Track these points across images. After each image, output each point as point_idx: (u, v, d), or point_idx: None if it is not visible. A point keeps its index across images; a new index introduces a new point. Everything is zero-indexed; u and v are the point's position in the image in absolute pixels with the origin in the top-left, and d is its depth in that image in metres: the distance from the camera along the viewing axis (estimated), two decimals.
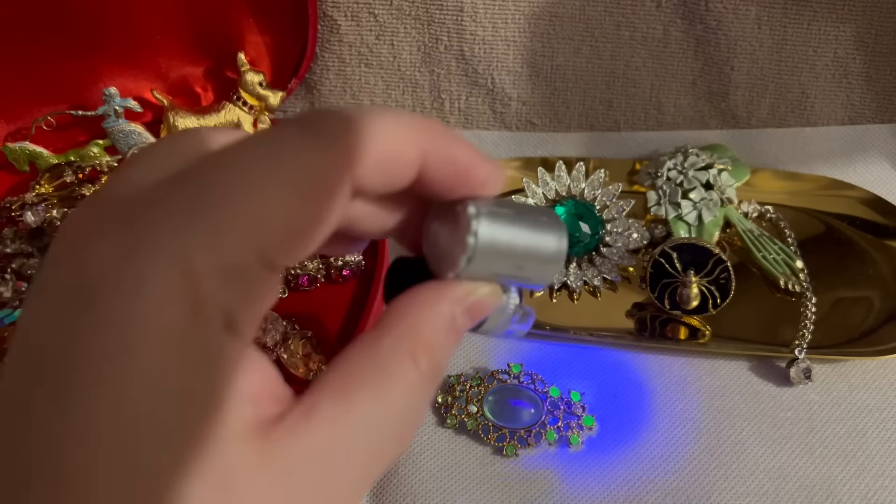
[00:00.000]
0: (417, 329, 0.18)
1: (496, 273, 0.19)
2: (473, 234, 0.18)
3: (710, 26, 0.48)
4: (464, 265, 0.18)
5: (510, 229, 0.19)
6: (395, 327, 0.18)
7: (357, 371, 0.17)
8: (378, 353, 0.17)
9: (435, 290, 0.19)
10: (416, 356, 0.18)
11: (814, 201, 0.46)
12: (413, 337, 0.18)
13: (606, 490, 0.36)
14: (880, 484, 0.36)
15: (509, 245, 0.19)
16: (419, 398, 0.18)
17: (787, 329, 0.40)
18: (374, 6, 0.47)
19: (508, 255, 0.19)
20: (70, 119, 0.46)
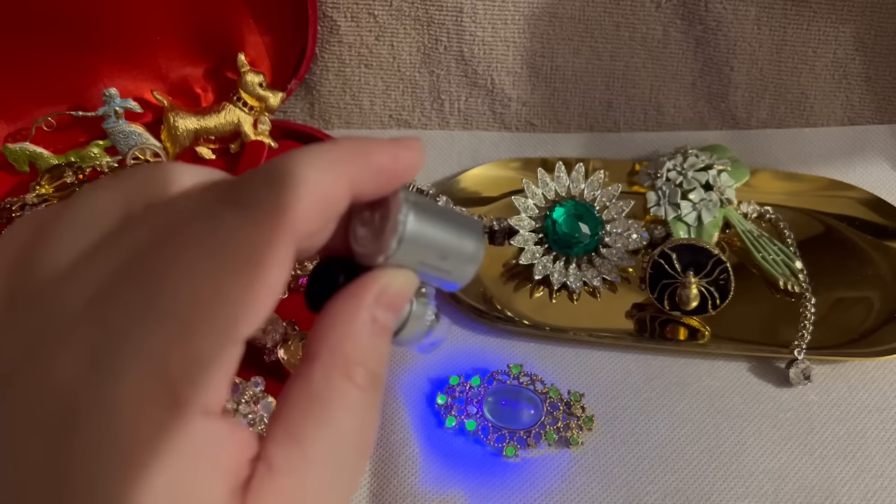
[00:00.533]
0: (342, 347, 0.18)
1: (421, 261, 0.20)
2: (404, 216, 0.19)
3: (710, 27, 0.48)
4: (394, 247, 0.19)
5: (435, 219, 0.20)
6: (321, 352, 0.18)
7: (298, 409, 0.17)
8: (313, 384, 0.18)
9: (348, 300, 0.19)
10: (349, 373, 0.18)
11: (813, 202, 0.46)
12: (342, 356, 0.18)
13: (606, 491, 0.36)
14: (880, 484, 0.36)
15: (435, 233, 0.20)
16: (366, 412, 0.18)
17: (786, 330, 0.40)
18: (374, 7, 0.47)
19: (434, 244, 0.20)
20: (70, 120, 0.46)
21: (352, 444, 0.18)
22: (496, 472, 0.36)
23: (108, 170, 0.45)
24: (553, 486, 0.36)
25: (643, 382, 0.39)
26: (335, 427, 0.17)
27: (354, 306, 0.19)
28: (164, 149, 0.46)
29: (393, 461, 0.36)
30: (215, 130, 0.46)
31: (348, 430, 0.18)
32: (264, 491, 0.16)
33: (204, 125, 0.46)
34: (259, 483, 0.16)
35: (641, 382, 0.39)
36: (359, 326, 0.18)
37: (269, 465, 0.17)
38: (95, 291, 0.16)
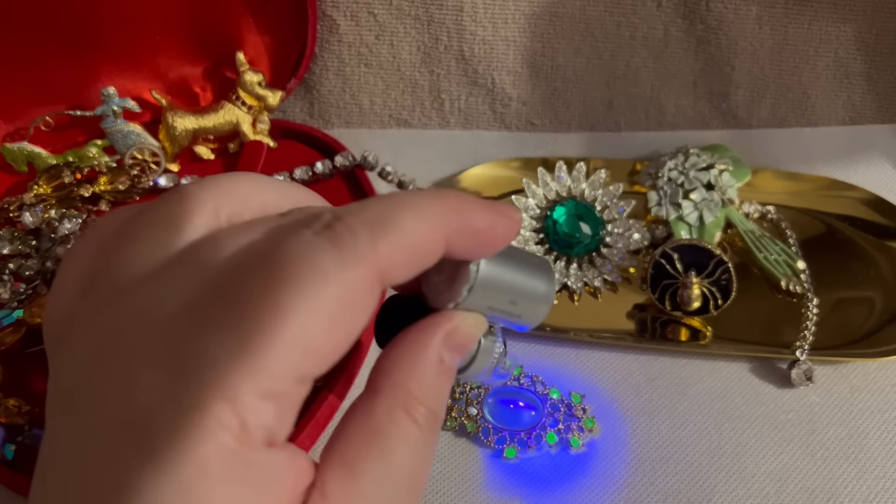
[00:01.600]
0: (407, 384, 0.18)
1: (492, 306, 0.20)
2: (476, 265, 0.19)
3: (711, 26, 0.48)
4: (465, 294, 0.19)
5: (507, 264, 0.20)
6: (385, 387, 0.18)
7: (356, 440, 0.17)
8: (374, 418, 0.18)
9: (418, 337, 0.19)
10: (411, 411, 0.18)
11: (815, 202, 0.46)
12: (404, 393, 0.18)
13: (607, 492, 0.35)
14: (882, 486, 0.36)
15: (506, 279, 0.20)
16: (423, 450, 0.18)
17: (788, 330, 0.40)
18: (374, 6, 0.47)
19: (505, 289, 0.20)
20: (68, 119, 0.46)
21: (406, 480, 0.18)
22: (496, 473, 0.36)
23: (107, 169, 0.45)
24: (554, 487, 0.36)
25: (644, 383, 0.39)
26: (391, 462, 0.17)
27: (423, 345, 0.19)
28: (162, 148, 0.45)
29: None
30: (214, 130, 0.46)
31: (403, 466, 0.18)
32: None
33: (203, 125, 0.46)
34: None
35: (643, 383, 0.39)
36: (425, 365, 0.19)
37: (323, 495, 0.17)
38: (181, 306, 0.16)
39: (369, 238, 0.16)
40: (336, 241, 0.16)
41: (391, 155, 0.49)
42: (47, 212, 0.42)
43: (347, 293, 0.16)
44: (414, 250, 0.17)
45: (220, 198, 0.18)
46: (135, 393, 0.15)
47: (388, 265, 0.17)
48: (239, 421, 0.15)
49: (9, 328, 0.37)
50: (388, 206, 0.17)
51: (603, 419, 0.38)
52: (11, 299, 0.39)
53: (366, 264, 0.16)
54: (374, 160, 0.44)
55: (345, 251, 0.16)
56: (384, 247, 0.16)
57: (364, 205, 0.17)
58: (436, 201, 0.18)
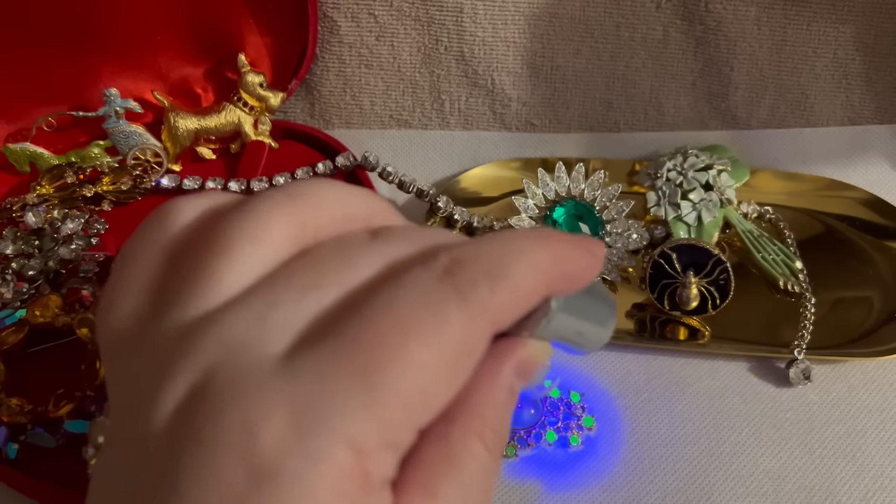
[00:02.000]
0: (482, 411, 0.18)
1: (561, 337, 0.20)
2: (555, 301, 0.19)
3: (710, 27, 0.48)
4: (543, 326, 0.19)
5: (579, 301, 0.20)
6: (460, 415, 0.18)
7: (435, 466, 0.18)
8: (450, 444, 0.18)
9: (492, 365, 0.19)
10: (483, 436, 0.18)
11: (813, 202, 0.46)
12: (479, 420, 0.18)
13: (606, 491, 0.36)
14: (880, 484, 0.36)
15: (577, 315, 0.20)
16: (492, 470, 0.19)
17: (786, 330, 0.40)
18: (374, 7, 0.47)
19: (575, 322, 0.20)
20: (71, 120, 0.46)
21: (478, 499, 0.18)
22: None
23: (109, 170, 0.45)
24: (553, 486, 0.36)
25: (643, 382, 0.39)
26: (465, 483, 0.18)
27: (497, 374, 0.19)
28: (164, 149, 0.46)
29: None
30: (216, 130, 0.46)
31: (476, 486, 0.18)
32: None
33: (204, 125, 0.46)
34: None
35: (641, 382, 0.39)
36: (498, 393, 0.19)
37: None
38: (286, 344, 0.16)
39: (489, 289, 0.17)
40: (460, 292, 0.16)
41: (392, 155, 0.49)
42: (50, 212, 0.42)
43: (469, 345, 0.16)
44: (524, 299, 0.18)
45: (307, 210, 0.18)
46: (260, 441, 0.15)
47: (502, 315, 0.17)
48: (361, 468, 0.15)
49: (11, 328, 0.38)
50: (504, 253, 0.17)
51: (602, 418, 0.38)
52: (14, 299, 0.39)
53: (486, 317, 0.17)
54: (374, 161, 0.44)
55: (469, 303, 0.16)
56: (501, 299, 0.17)
57: (480, 250, 0.17)
58: (543, 248, 0.18)
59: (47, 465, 0.35)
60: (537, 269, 0.18)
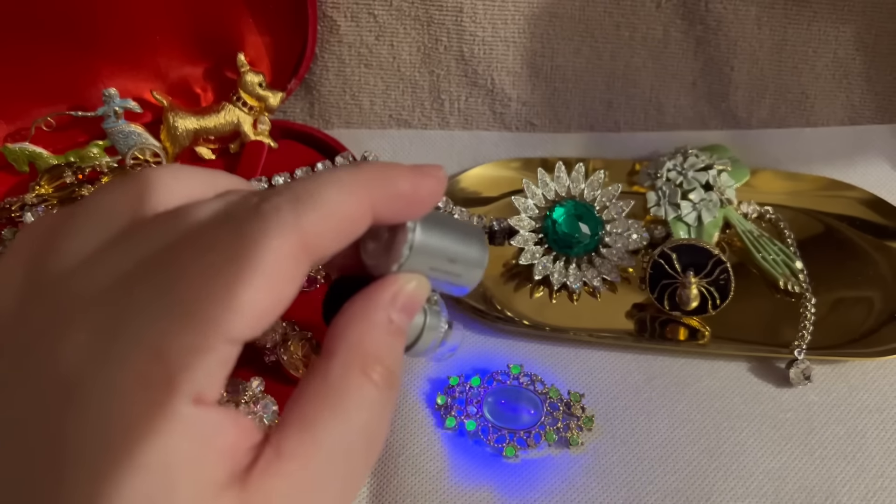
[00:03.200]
0: (361, 344, 0.19)
1: (432, 266, 0.21)
2: (413, 225, 0.20)
3: (710, 27, 0.48)
4: (406, 254, 0.20)
5: (441, 227, 0.21)
6: (339, 349, 0.19)
7: (314, 400, 0.18)
8: (329, 378, 0.18)
9: (366, 301, 0.20)
10: (366, 370, 0.18)
11: (813, 202, 0.46)
12: (359, 352, 0.19)
13: (606, 491, 0.35)
14: (880, 485, 0.36)
15: (442, 240, 0.21)
16: (380, 409, 0.19)
17: (786, 330, 0.40)
18: (374, 7, 0.47)
19: (443, 249, 0.21)
20: (70, 120, 0.46)
21: (363, 439, 0.18)
22: (496, 472, 0.36)
23: (108, 170, 0.45)
24: (553, 486, 0.36)
25: (643, 382, 0.39)
26: (349, 420, 0.18)
27: (372, 306, 0.19)
28: (163, 149, 0.46)
29: (393, 461, 0.36)
30: (215, 130, 0.46)
31: (361, 424, 0.18)
32: (269, 474, 0.17)
33: (203, 125, 0.46)
34: (265, 467, 0.17)
35: (641, 382, 0.39)
36: (376, 325, 0.19)
37: (277, 450, 0.17)
38: (106, 283, 0.17)
39: (293, 212, 0.17)
40: (261, 216, 0.17)
41: (391, 155, 0.49)
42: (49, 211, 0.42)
43: (273, 262, 0.17)
44: (340, 220, 0.18)
45: (144, 192, 0.19)
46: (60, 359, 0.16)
47: (316, 237, 0.17)
48: (162, 374, 0.16)
49: None
50: (312, 182, 0.18)
51: (602, 418, 0.38)
52: None
53: (292, 237, 0.17)
54: (374, 160, 0.44)
55: (269, 223, 0.17)
56: (309, 220, 0.17)
57: (289, 184, 0.18)
58: (357, 172, 0.19)
59: None
60: (350, 191, 0.18)
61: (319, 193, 0.18)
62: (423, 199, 0.20)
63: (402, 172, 0.19)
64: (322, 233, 0.18)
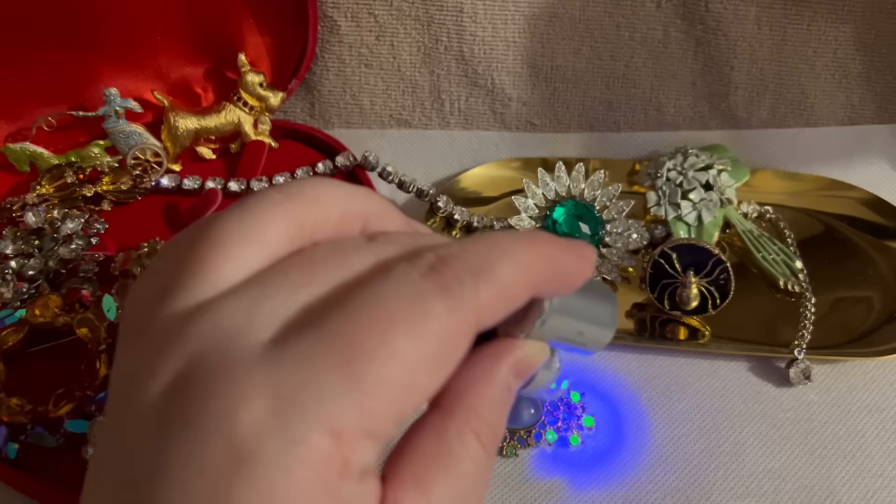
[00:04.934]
0: (478, 408, 0.19)
1: (559, 337, 0.21)
2: (549, 301, 0.20)
3: (710, 27, 0.48)
4: (537, 327, 0.19)
5: (578, 298, 0.20)
6: (458, 409, 0.19)
7: (430, 459, 0.18)
8: (446, 439, 0.18)
9: (489, 362, 0.19)
10: (479, 433, 0.19)
11: (813, 202, 0.46)
12: (476, 417, 0.19)
13: (606, 490, 0.36)
14: (880, 484, 0.36)
15: (576, 312, 0.20)
16: (485, 469, 0.19)
17: (786, 329, 0.40)
18: (374, 7, 0.47)
19: (574, 321, 0.21)
20: (71, 120, 0.46)
21: (471, 497, 0.18)
22: (496, 471, 0.36)
23: (109, 169, 0.45)
24: (553, 486, 0.36)
25: (643, 382, 0.39)
26: (460, 482, 0.18)
27: (494, 371, 0.19)
28: (164, 149, 0.46)
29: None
30: (215, 130, 0.46)
31: (469, 484, 0.18)
32: None
33: (204, 125, 0.46)
34: None
35: (641, 382, 0.39)
36: (496, 389, 0.19)
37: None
38: (282, 329, 0.16)
39: (473, 286, 0.17)
40: (444, 288, 0.17)
41: (391, 155, 0.49)
42: (50, 212, 0.42)
43: (452, 339, 0.17)
44: (509, 298, 0.18)
45: (304, 209, 0.18)
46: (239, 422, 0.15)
47: (486, 312, 0.17)
48: (340, 455, 0.15)
49: (11, 328, 0.38)
50: (489, 252, 0.18)
51: (602, 418, 0.38)
52: (14, 299, 0.39)
53: (470, 312, 0.17)
54: (374, 160, 0.44)
55: (453, 299, 0.17)
56: (485, 295, 0.17)
57: (465, 249, 0.18)
58: (530, 249, 0.18)
59: (47, 465, 0.35)
60: (523, 269, 0.18)
61: (497, 268, 0.17)
62: (575, 281, 0.20)
63: (567, 254, 0.19)
64: (492, 308, 0.17)
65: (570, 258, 0.19)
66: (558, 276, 0.19)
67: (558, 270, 0.19)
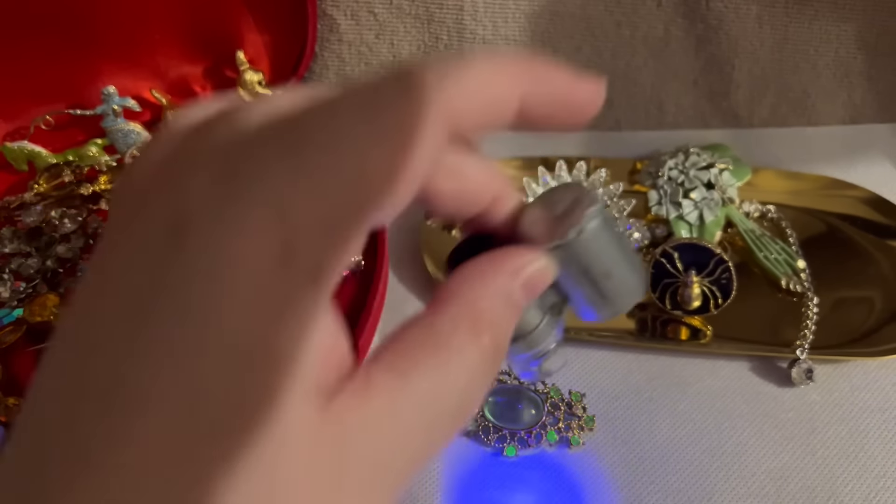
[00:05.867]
0: (476, 304, 0.17)
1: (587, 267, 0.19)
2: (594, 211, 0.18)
3: (712, 25, 0.48)
4: (572, 236, 0.18)
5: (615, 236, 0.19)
6: (453, 303, 0.17)
7: (415, 347, 0.17)
8: (436, 329, 0.17)
9: (492, 263, 0.18)
10: (477, 332, 0.17)
11: (815, 201, 0.46)
12: (473, 313, 0.17)
13: (607, 491, 0.35)
14: (882, 484, 0.36)
15: (611, 247, 0.19)
16: (480, 376, 0.17)
17: (788, 329, 0.40)
18: (374, 5, 0.47)
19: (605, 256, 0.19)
20: (69, 118, 0.46)
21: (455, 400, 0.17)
22: (496, 472, 0.36)
23: (107, 168, 0.45)
24: (553, 486, 0.36)
25: (644, 382, 0.39)
26: (447, 375, 0.16)
27: (495, 270, 0.18)
28: None
29: None
30: None
31: (458, 386, 0.17)
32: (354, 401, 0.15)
33: None
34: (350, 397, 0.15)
35: (643, 382, 0.39)
36: (496, 290, 0.18)
37: (367, 380, 0.16)
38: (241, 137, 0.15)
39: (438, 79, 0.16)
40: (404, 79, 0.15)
41: None
42: (48, 211, 0.42)
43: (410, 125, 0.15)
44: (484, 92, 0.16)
45: None
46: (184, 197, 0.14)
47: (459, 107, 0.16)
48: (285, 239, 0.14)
49: (9, 327, 0.37)
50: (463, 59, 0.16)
51: (603, 418, 0.37)
52: (12, 298, 0.39)
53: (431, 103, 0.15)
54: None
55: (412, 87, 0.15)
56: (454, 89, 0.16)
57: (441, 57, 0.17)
58: (510, 56, 0.17)
59: None
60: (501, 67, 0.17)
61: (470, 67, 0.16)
62: (579, 104, 0.18)
63: (560, 73, 0.18)
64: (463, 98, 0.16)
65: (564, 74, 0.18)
66: (554, 94, 0.18)
67: (553, 87, 0.18)
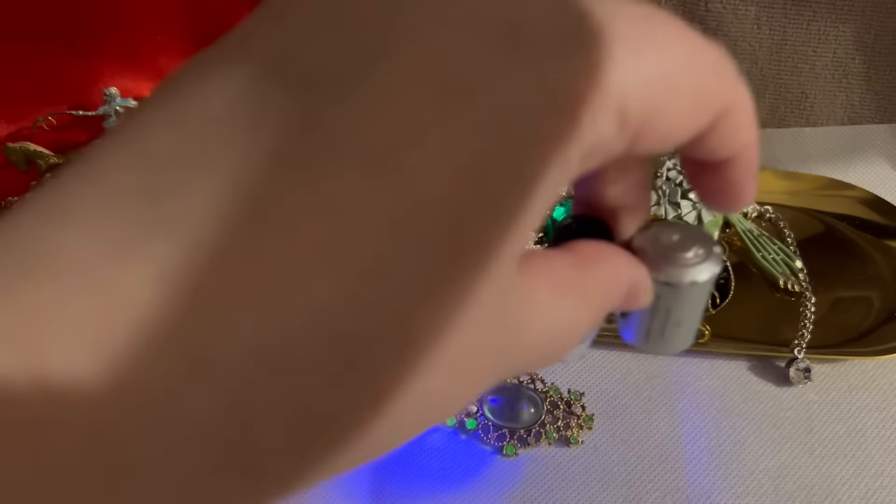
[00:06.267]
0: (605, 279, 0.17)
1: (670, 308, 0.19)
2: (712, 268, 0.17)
3: (710, 26, 0.48)
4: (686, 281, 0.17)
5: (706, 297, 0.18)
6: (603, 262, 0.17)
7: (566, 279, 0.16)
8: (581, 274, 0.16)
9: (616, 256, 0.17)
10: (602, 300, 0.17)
11: (813, 201, 0.46)
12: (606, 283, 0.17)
13: (606, 490, 0.36)
14: (880, 483, 0.36)
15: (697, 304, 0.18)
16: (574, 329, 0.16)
17: (786, 329, 0.40)
18: None
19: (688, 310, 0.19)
20: (71, 119, 0.46)
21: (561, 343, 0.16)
22: (496, 470, 0.36)
23: None
24: (553, 485, 0.36)
25: (643, 381, 0.39)
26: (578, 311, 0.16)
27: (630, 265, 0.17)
28: None
29: (393, 461, 0.36)
30: None
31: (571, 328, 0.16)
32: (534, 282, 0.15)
33: None
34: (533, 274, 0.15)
35: (641, 381, 0.39)
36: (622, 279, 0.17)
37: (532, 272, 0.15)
38: None
39: None
40: None
41: None
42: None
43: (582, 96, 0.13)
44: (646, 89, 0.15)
45: None
46: None
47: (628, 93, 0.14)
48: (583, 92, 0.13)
49: None
50: None
51: (602, 417, 0.38)
52: None
53: None
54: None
55: None
56: None
57: None
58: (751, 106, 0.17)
59: None
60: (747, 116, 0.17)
61: None
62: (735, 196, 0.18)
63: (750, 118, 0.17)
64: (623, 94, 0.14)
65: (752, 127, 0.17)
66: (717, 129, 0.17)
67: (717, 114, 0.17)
